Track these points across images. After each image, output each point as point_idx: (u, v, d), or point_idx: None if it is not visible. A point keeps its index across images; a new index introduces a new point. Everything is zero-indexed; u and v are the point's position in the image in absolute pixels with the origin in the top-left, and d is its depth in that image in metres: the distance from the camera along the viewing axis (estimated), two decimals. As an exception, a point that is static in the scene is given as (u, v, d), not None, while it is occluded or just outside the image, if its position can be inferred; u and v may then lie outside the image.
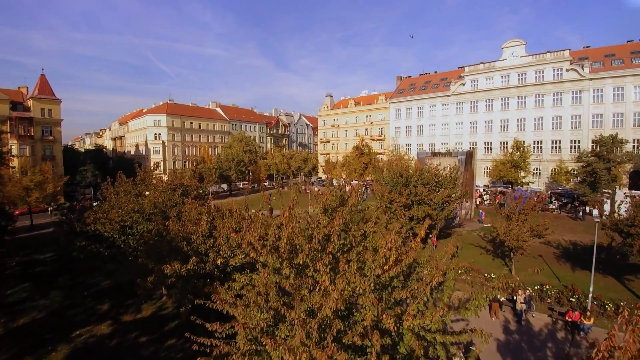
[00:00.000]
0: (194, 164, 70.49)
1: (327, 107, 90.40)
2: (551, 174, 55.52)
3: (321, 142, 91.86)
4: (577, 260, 24.55)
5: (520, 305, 16.66)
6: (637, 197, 40.59)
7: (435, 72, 76.59)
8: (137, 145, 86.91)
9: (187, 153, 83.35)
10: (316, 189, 68.59)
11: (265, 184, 79.47)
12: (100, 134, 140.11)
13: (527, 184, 51.21)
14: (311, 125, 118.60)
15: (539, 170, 57.01)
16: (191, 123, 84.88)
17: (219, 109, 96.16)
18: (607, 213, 39.25)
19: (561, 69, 56.40)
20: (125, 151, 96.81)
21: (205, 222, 12.40)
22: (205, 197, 22.54)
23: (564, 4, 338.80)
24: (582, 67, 54.33)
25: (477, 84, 64.96)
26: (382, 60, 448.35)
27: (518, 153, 50.59)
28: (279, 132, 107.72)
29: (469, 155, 37.22)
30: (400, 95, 75.18)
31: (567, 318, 16.08)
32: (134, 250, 16.29)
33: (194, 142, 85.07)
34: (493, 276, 21.25)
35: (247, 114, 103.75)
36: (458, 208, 34.71)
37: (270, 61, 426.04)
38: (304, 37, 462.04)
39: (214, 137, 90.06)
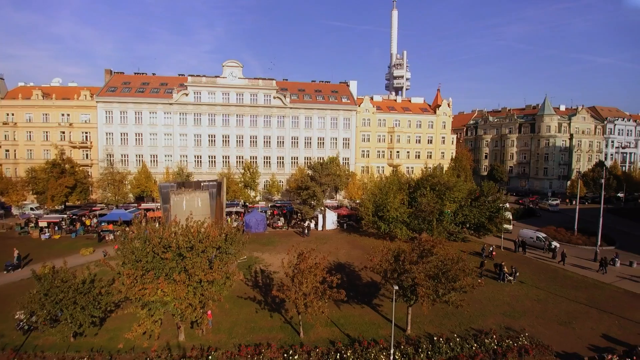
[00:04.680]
0: None
1: (-11, 93, 56.49)
2: (265, 186, 59.77)
3: (-21, 145, 56.57)
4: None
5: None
6: (334, 209, 50.17)
7: (154, 74, 64.58)
8: None
9: None
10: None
11: None
12: None
13: (258, 202, 52.33)
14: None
15: (256, 182, 60.15)
16: None
17: None
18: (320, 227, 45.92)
19: (270, 96, 61.44)
20: None
21: None
22: None
23: (244, 35, 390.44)
24: (285, 97, 61.45)
25: (200, 97, 59.98)
26: (74, 39, 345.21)
27: (249, 173, 50.47)
28: None
29: (219, 186, 32.16)
30: (112, 94, 57.61)
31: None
32: None
33: None
34: (296, 357, 17.71)
35: None
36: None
37: None
38: None
39: None
